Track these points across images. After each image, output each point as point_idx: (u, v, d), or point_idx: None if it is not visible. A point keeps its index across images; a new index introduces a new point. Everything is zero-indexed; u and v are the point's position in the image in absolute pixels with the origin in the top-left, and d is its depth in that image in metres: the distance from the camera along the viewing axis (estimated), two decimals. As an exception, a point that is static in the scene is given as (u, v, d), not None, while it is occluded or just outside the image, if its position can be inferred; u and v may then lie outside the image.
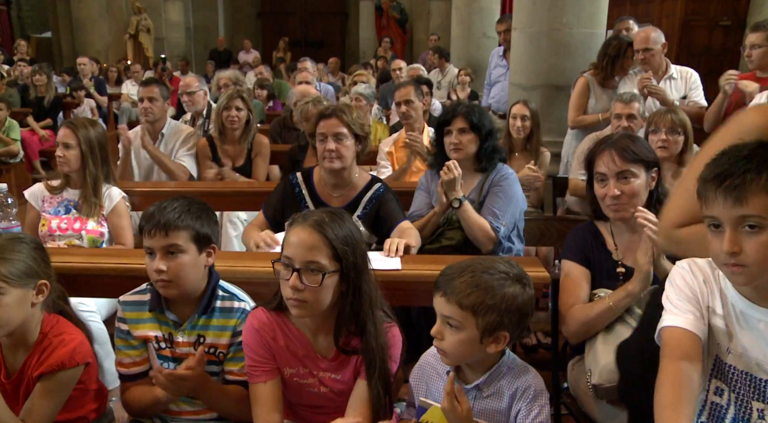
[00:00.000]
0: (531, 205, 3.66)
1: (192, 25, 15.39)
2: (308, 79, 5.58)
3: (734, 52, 8.05)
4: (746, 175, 1.20)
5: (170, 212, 1.78)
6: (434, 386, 1.71)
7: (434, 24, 12.22)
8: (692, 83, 4.06)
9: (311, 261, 1.62)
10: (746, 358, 1.34)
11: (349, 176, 2.70)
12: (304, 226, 1.65)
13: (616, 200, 2.07)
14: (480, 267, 1.54)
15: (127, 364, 1.92)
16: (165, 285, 1.79)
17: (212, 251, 1.88)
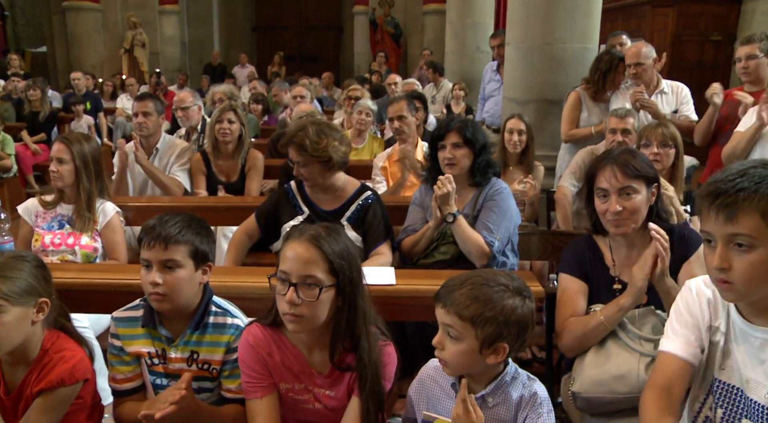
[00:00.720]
0: (525, 220, 3.67)
1: (187, 40, 15.46)
2: (303, 93, 5.60)
3: (725, 66, 8.15)
4: (739, 194, 1.20)
5: (171, 226, 1.79)
6: (436, 399, 1.71)
7: (428, 38, 12.29)
8: (683, 97, 4.09)
9: (308, 275, 1.62)
10: (738, 375, 1.35)
11: (333, 185, 2.82)
12: (300, 240, 1.65)
13: (617, 216, 2.06)
14: (480, 279, 1.56)
15: (119, 380, 1.91)
16: (159, 299, 1.79)
17: (208, 269, 1.89)
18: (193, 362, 1.88)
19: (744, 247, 1.22)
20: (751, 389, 1.33)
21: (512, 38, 4.64)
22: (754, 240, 1.21)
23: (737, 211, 1.21)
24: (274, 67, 13.70)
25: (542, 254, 2.95)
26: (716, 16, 8.41)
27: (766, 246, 1.21)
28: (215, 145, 3.86)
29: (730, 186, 1.22)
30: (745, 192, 1.20)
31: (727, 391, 1.38)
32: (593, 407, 1.98)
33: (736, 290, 1.26)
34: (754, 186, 1.20)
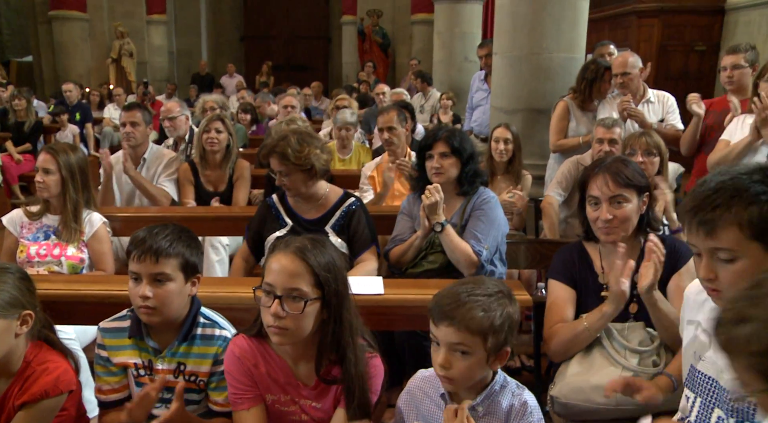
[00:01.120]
0: (513, 228, 3.68)
1: (175, 49, 15.45)
2: (293, 103, 5.60)
3: (709, 76, 8.24)
4: (716, 211, 1.25)
5: (162, 239, 1.77)
6: (426, 410, 1.70)
7: (416, 48, 12.36)
8: (669, 107, 4.13)
9: (293, 288, 1.61)
10: (716, 367, 1.39)
11: (315, 194, 2.83)
12: (285, 252, 1.64)
13: (608, 224, 2.08)
14: (477, 290, 1.55)
15: (106, 391, 1.90)
16: (148, 312, 1.77)
17: (197, 280, 1.88)
18: (180, 374, 1.87)
19: (727, 259, 1.27)
20: (725, 380, 1.37)
21: (500, 48, 4.67)
22: (735, 252, 1.26)
23: (715, 227, 1.26)
24: (262, 77, 13.71)
25: (530, 263, 2.95)
26: (700, 27, 8.52)
27: (746, 256, 1.26)
28: (203, 155, 3.85)
29: (707, 202, 1.27)
30: (721, 208, 1.25)
31: (702, 381, 1.44)
32: (570, 414, 2.00)
33: (725, 298, 1.30)
34: (729, 201, 1.25)
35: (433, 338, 1.55)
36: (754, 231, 1.25)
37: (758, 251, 1.26)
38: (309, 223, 2.81)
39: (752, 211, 1.24)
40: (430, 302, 1.57)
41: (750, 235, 1.25)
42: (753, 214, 1.24)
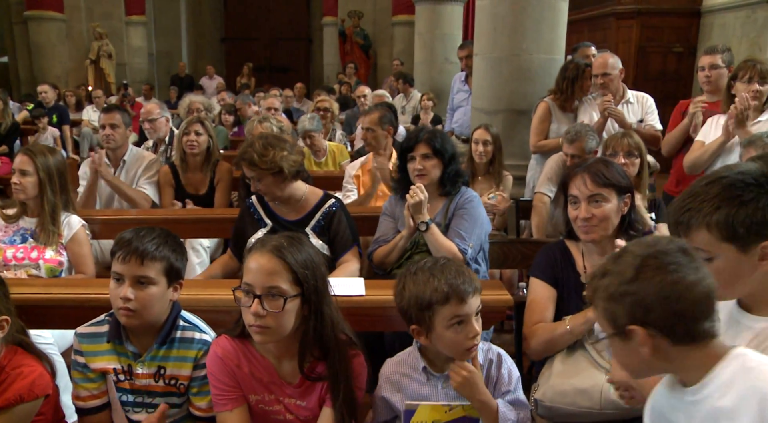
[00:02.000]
0: (495, 228, 3.70)
1: (155, 51, 15.30)
2: (276, 105, 5.59)
3: (687, 77, 8.36)
4: (687, 213, 1.33)
5: (149, 242, 1.77)
6: (411, 389, 1.74)
7: (397, 49, 12.36)
8: (648, 107, 4.17)
9: (272, 286, 1.62)
10: None
11: (292, 196, 2.81)
12: (262, 251, 1.65)
13: (586, 222, 2.10)
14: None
15: (84, 398, 1.88)
16: (128, 314, 1.76)
17: (179, 286, 1.87)
18: (160, 378, 1.85)
19: (706, 258, 1.31)
20: None
21: (480, 49, 4.69)
22: (709, 252, 1.33)
23: (689, 229, 1.35)
24: (243, 78, 13.65)
25: (512, 263, 2.97)
26: (678, 29, 8.64)
27: (720, 256, 1.33)
28: (183, 157, 3.82)
29: (682, 205, 1.36)
30: (692, 211, 1.33)
31: None
32: (554, 416, 2.01)
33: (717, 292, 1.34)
34: (699, 205, 1.33)
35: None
36: (722, 233, 1.31)
37: (732, 252, 1.32)
38: (289, 224, 2.80)
39: (719, 215, 1.30)
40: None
41: (720, 237, 1.31)
42: (719, 218, 1.30)
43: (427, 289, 1.62)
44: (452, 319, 1.62)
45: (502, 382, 1.77)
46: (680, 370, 1.28)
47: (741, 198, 1.31)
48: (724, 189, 1.32)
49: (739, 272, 1.33)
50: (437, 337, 1.66)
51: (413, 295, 1.65)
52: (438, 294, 1.61)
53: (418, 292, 1.64)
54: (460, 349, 1.66)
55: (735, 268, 1.33)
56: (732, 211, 1.30)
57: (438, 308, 1.61)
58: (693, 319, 1.20)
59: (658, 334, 1.22)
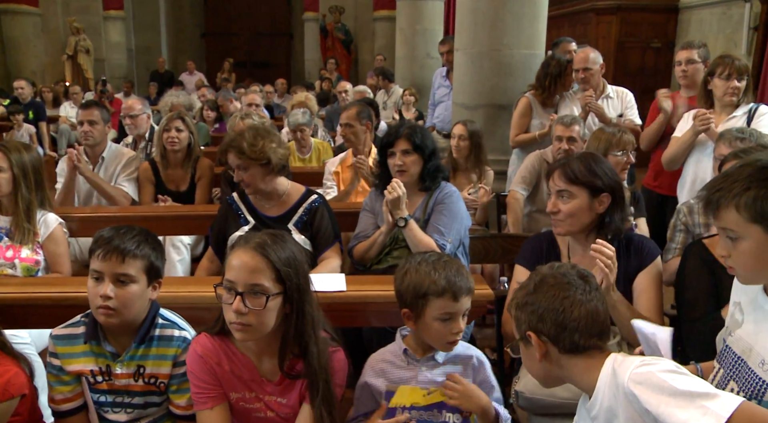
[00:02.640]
0: (476, 223, 3.71)
1: (134, 46, 15.14)
2: (257, 101, 5.55)
3: (665, 72, 8.43)
4: (718, 193, 1.36)
5: (129, 239, 1.75)
6: (391, 372, 1.81)
7: (379, 45, 12.35)
8: (628, 102, 4.21)
9: (255, 284, 1.61)
10: (743, 343, 1.48)
11: (275, 190, 2.80)
12: (245, 249, 1.64)
13: (553, 216, 2.16)
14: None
15: (58, 401, 1.85)
16: (107, 313, 1.74)
17: (158, 285, 1.85)
18: (140, 377, 1.84)
19: (732, 238, 1.37)
20: (751, 358, 1.44)
21: (461, 44, 4.70)
22: (737, 233, 1.36)
23: (718, 208, 1.37)
24: (223, 74, 13.55)
25: (493, 257, 2.98)
26: (656, 24, 8.72)
27: (747, 237, 1.35)
28: (164, 153, 3.78)
29: (713, 185, 1.40)
30: (722, 191, 1.36)
31: (728, 356, 1.52)
32: (534, 408, 2.03)
33: (740, 274, 1.43)
34: (729, 185, 1.35)
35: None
36: (750, 214, 1.32)
37: (759, 233, 1.33)
38: (271, 220, 2.78)
39: (749, 195, 1.32)
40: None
41: (748, 218, 1.33)
42: (749, 198, 1.32)
43: (426, 280, 1.73)
44: (443, 313, 1.72)
45: (488, 385, 1.88)
46: (570, 377, 1.45)
47: None
48: (757, 171, 1.34)
49: (764, 255, 1.35)
50: (424, 326, 1.76)
51: (413, 281, 1.75)
52: (435, 287, 1.71)
53: (417, 280, 1.74)
54: (443, 341, 1.77)
55: (760, 250, 1.35)
56: (761, 192, 1.32)
57: (432, 299, 1.72)
58: (577, 332, 1.39)
59: (548, 341, 1.42)
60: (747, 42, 7.36)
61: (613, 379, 1.34)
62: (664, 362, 1.32)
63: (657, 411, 1.24)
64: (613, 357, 1.38)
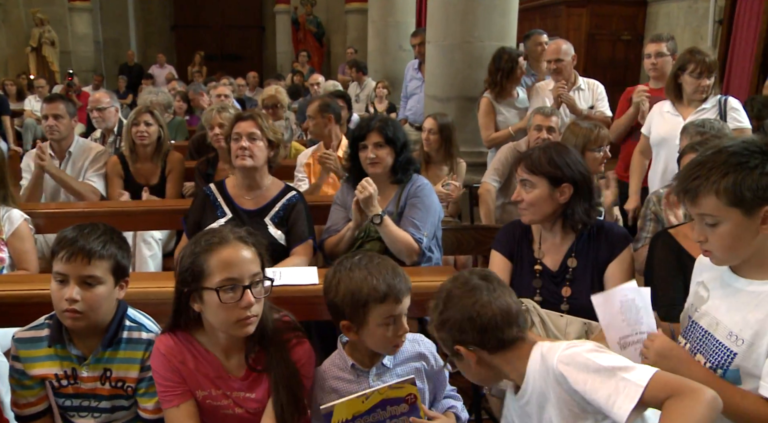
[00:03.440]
0: (449, 215, 3.72)
1: (101, 39, 14.83)
2: (225, 92, 5.49)
3: (635, 64, 8.55)
4: (696, 181, 1.41)
5: (95, 240, 1.69)
6: (348, 391, 1.74)
7: (351, 37, 12.29)
8: (599, 94, 4.26)
9: (256, 273, 1.63)
10: (709, 318, 1.57)
11: (261, 179, 2.80)
12: (234, 243, 1.64)
13: (518, 204, 2.20)
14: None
15: (22, 405, 1.81)
16: (74, 316, 1.69)
17: (125, 284, 1.81)
18: (107, 380, 1.80)
19: (711, 223, 1.43)
20: (718, 331, 1.53)
21: (432, 37, 4.70)
22: (716, 217, 1.42)
23: (697, 196, 1.43)
24: (194, 67, 13.35)
25: (466, 248, 3.00)
26: (625, 17, 8.83)
27: (726, 221, 1.42)
28: (133, 147, 3.72)
29: (690, 174, 1.45)
30: (700, 179, 1.42)
31: (695, 330, 1.60)
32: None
33: (716, 257, 1.50)
34: (707, 173, 1.41)
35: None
36: (730, 198, 1.39)
37: (738, 216, 1.40)
38: (248, 213, 2.77)
39: (727, 180, 1.38)
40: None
41: (727, 202, 1.39)
42: (728, 183, 1.38)
43: (364, 287, 1.63)
44: (386, 317, 1.64)
45: (442, 378, 1.88)
46: (504, 373, 1.54)
47: (747, 164, 1.39)
48: (731, 156, 1.40)
49: (742, 236, 1.43)
50: (368, 334, 1.68)
51: (349, 291, 1.64)
52: (376, 293, 1.62)
53: (354, 289, 1.64)
54: (389, 346, 1.71)
55: (739, 232, 1.42)
56: (739, 176, 1.38)
57: (373, 306, 1.63)
58: (497, 329, 1.47)
59: (477, 348, 1.49)
60: (712, 35, 7.50)
61: (543, 364, 1.45)
62: (588, 343, 1.43)
63: (584, 389, 1.35)
64: (540, 345, 1.49)
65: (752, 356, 1.45)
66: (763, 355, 1.44)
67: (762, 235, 1.43)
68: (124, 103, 9.92)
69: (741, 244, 1.44)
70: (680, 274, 2.03)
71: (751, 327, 1.45)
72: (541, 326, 2.09)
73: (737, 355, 1.47)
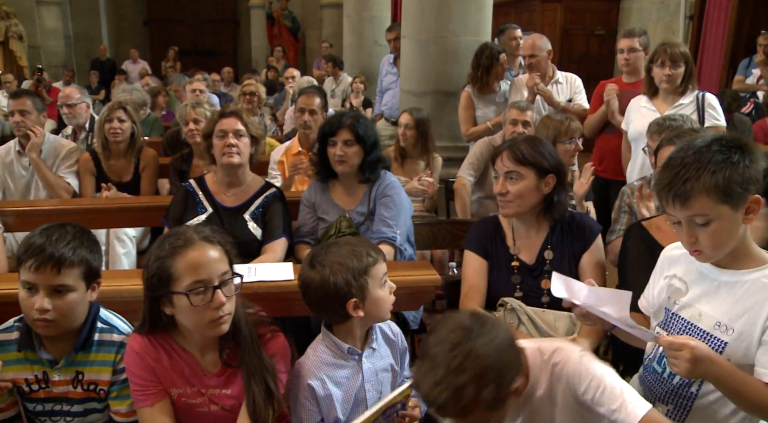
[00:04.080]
0: (425, 210, 3.74)
1: (72, 33, 14.55)
2: (200, 87, 5.43)
3: (608, 58, 8.65)
4: (687, 184, 1.42)
5: (64, 246, 1.62)
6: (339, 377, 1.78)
7: (326, 32, 12.24)
8: (576, 88, 4.31)
9: (224, 272, 1.61)
10: (691, 309, 1.60)
11: (243, 175, 2.79)
12: (199, 244, 1.61)
13: (501, 197, 2.17)
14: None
15: None
16: (46, 325, 1.64)
17: (97, 286, 1.76)
18: (79, 384, 1.77)
19: (702, 223, 1.45)
20: (703, 322, 1.57)
21: (408, 31, 4.70)
22: (708, 216, 1.44)
23: (689, 198, 1.43)
24: (168, 63, 13.18)
25: (441, 243, 3.01)
26: (599, 12, 8.93)
27: (718, 218, 1.44)
28: (105, 144, 3.67)
29: (679, 178, 1.44)
30: (691, 181, 1.42)
31: (677, 322, 1.63)
32: None
33: (706, 255, 1.51)
34: (696, 173, 1.42)
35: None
36: (721, 195, 1.42)
37: (728, 211, 1.44)
38: (228, 209, 2.75)
39: (717, 178, 1.41)
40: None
41: (718, 200, 1.42)
42: (718, 181, 1.41)
43: (355, 258, 1.71)
44: (383, 276, 1.75)
45: (404, 349, 1.94)
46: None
47: (731, 160, 1.42)
48: (714, 154, 1.43)
49: (731, 230, 1.46)
50: (372, 302, 1.73)
51: (348, 268, 1.69)
52: (369, 257, 1.72)
53: (351, 264, 1.70)
54: (388, 307, 1.79)
55: (729, 227, 1.45)
56: (727, 173, 1.41)
57: (371, 270, 1.72)
58: (505, 385, 1.35)
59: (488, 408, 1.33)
60: (683, 30, 7.60)
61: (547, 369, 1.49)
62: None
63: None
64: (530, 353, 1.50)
65: (742, 345, 1.50)
66: (755, 344, 1.48)
67: (742, 227, 1.48)
68: (96, 98, 9.76)
69: (730, 239, 1.48)
70: (653, 266, 2.06)
71: (740, 316, 1.50)
72: (530, 324, 2.11)
73: (728, 345, 1.51)
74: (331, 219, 2.72)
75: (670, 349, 1.45)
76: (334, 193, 2.79)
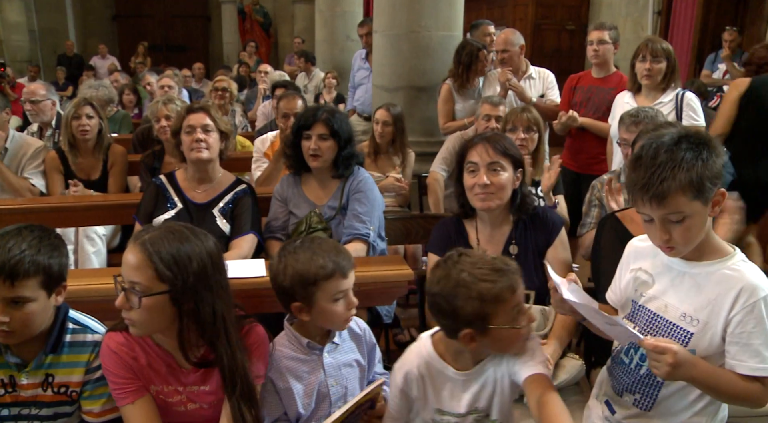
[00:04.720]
0: (398, 205, 3.74)
1: (36, 27, 14.22)
2: (170, 83, 5.36)
3: (579, 53, 8.74)
4: (663, 184, 1.44)
5: (19, 255, 1.53)
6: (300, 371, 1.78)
7: (299, 27, 12.18)
8: (549, 83, 4.33)
9: (132, 281, 1.55)
10: (658, 301, 1.63)
11: (213, 171, 2.77)
12: (134, 244, 1.57)
13: (484, 189, 2.14)
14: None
15: None
16: (5, 335, 1.59)
17: (63, 289, 1.69)
18: (48, 386, 1.73)
19: (677, 220, 1.47)
20: (668, 313, 1.60)
21: (379, 26, 4.69)
22: (683, 213, 1.46)
23: (665, 197, 1.45)
24: (138, 58, 12.98)
25: (414, 237, 3.02)
26: (570, 7, 9.01)
27: (691, 214, 1.47)
28: (72, 141, 3.60)
29: (655, 178, 1.45)
30: (667, 181, 1.44)
31: (644, 314, 1.66)
32: None
33: (679, 251, 1.54)
34: (670, 173, 1.44)
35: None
36: (695, 192, 1.45)
37: (699, 207, 1.47)
38: (198, 205, 2.73)
39: (691, 176, 1.44)
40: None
41: (692, 197, 1.45)
42: (692, 178, 1.44)
43: (311, 267, 1.67)
44: (336, 293, 1.70)
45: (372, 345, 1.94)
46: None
47: (701, 156, 1.45)
48: (685, 152, 1.45)
49: (701, 225, 1.50)
50: (320, 312, 1.71)
51: (297, 272, 1.68)
52: (324, 270, 1.67)
53: (301, 270, 1.68)
54: (341, 321, 1.76)
55: (699, 222, 1.49)
56: (700, 169, 1.44)
57: (322, 284, 1.68)
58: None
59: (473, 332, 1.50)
60: (652, 25, 7.72)
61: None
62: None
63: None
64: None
65: (707, 335, 1.53)
66: (718, 334, 1.52)
67: (708, 220, 1.52)
68: (63, 95, 9.58)
69: (700, 233, 1.51)
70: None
71: (704, 307, 1.54)
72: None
73: (693, 335, 1.55)
74: (301, 213, 2.71)
75: (654, 352, 1.47)
76: (306, 187, 2.78)
